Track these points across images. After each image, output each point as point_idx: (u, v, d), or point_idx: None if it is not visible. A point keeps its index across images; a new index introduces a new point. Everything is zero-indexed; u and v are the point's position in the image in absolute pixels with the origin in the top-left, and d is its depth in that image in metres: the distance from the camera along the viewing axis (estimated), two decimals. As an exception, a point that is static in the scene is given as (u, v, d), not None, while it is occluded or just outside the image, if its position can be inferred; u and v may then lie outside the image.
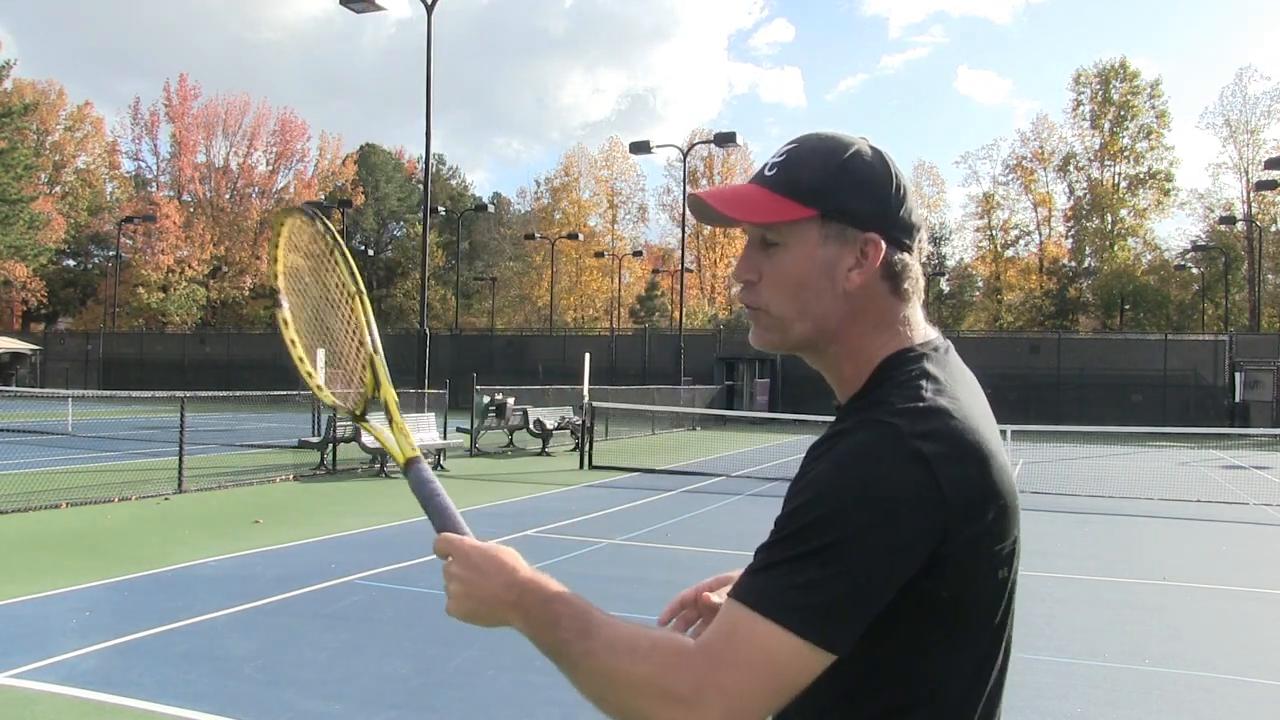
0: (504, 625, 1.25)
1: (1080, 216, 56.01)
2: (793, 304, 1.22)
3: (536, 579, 1.23)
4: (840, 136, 1.27)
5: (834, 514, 1.05)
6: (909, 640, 1.12)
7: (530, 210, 69.96)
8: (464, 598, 1.26)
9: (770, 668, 1.04)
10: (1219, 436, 26.78)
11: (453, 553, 1.29)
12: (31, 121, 51.59)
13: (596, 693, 1.13)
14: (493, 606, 1.24)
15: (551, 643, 1.17)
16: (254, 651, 5.98)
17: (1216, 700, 5.61)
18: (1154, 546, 10.91)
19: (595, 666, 1.12)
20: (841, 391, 1.26)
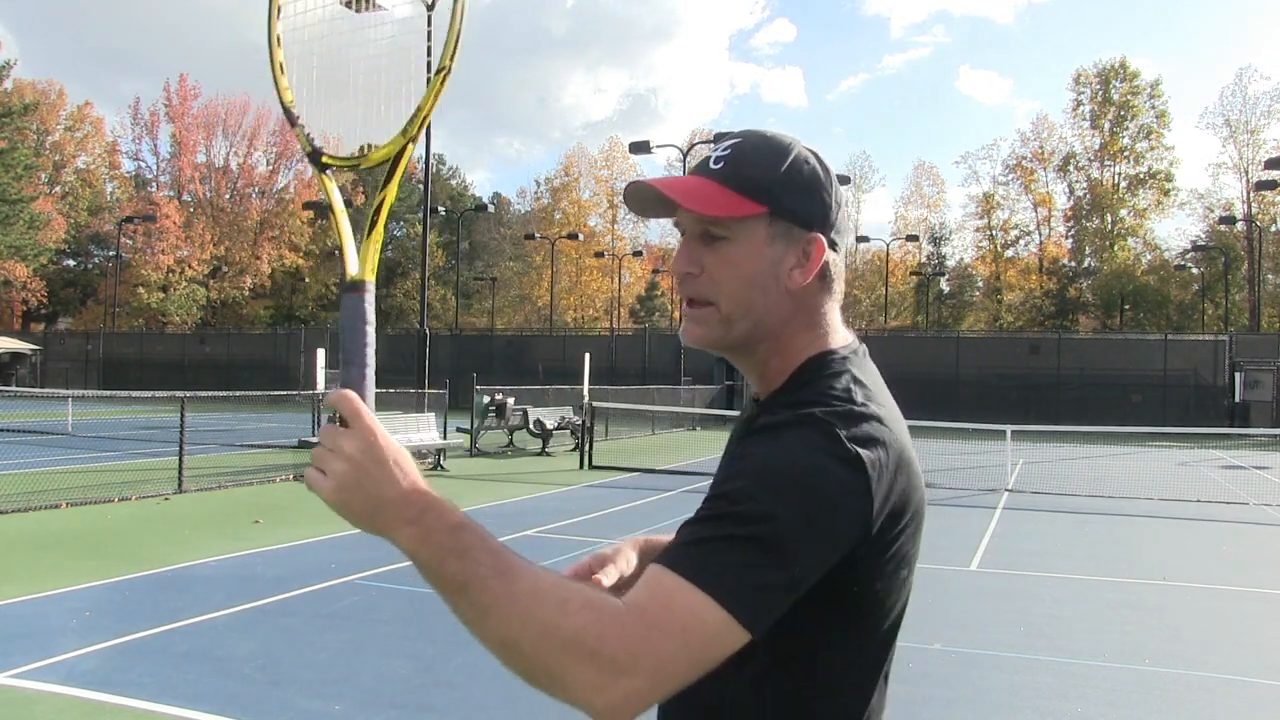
0: (382, 535, 1.06)
1: (1080, 216, 56.02)
2: (740, 300, 1.23)
3: (440, 499, 1.06)
4: (780, 137, 1.28)
5: (776, 502, 1.07)
6: (815, 631, 1.17)
7: (530, 210, 69.99)
8: (351, 487, 1.05)
9: (701, 640, 1.02)
10: (1219, 436, 26.78)
11: (355, 424, 1.08)
12: (31, 121, 51.59)
13: (507, 639, 1.01)
14: (382, 511, 1.05)
15: (455, 574, 1.02)
16: (254, 651, 5.99)
17: (1216, 700, 5.61)
18: (1154, 546, 10.91)
19: (514, 612, 1.00)
20: (761, 387, 1.30)
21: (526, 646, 1.00)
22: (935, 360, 36.76)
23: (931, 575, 8.92)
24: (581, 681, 0.99)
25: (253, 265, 58.48)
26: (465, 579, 1.02)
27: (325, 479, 1.06)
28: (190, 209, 57.98)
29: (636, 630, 1.01)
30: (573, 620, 0.99)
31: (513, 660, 1.02)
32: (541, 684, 1.01)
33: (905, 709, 5.31)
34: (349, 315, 1.16)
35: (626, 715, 1.00)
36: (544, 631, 0.99)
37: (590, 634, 0.99)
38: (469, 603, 1.02)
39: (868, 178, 64.42)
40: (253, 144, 60.20)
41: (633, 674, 0.99)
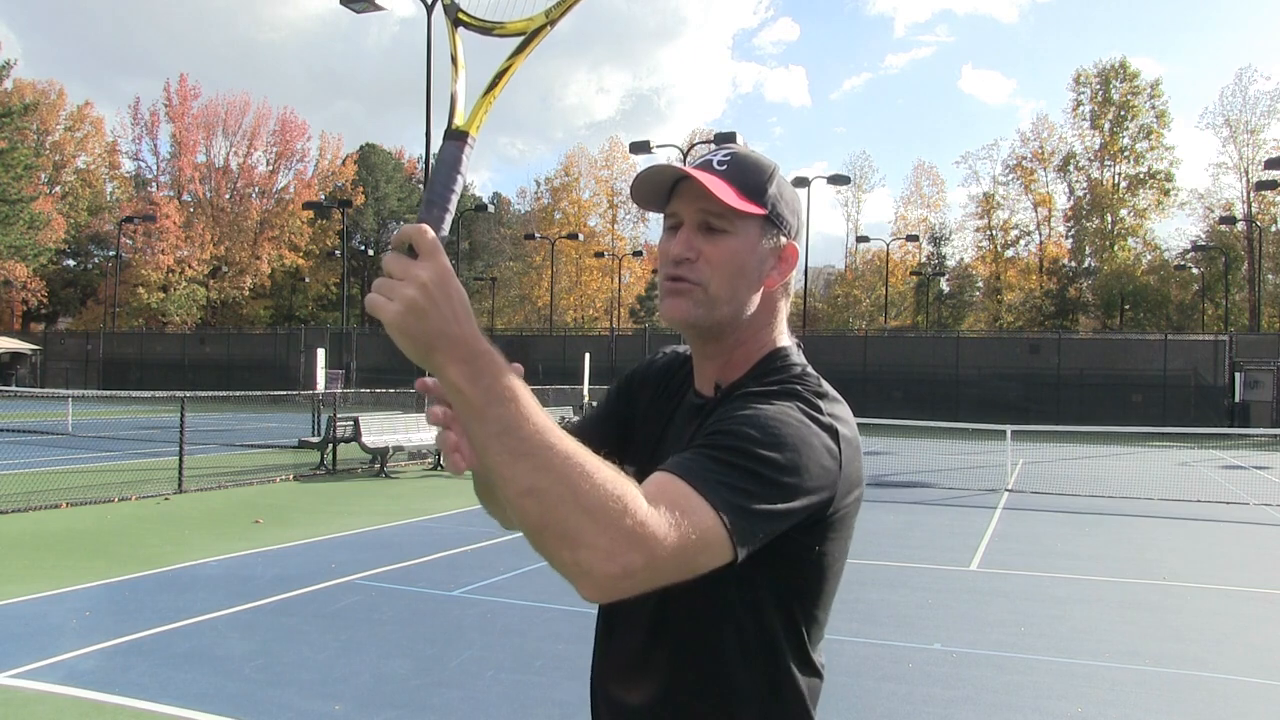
0: (433, 368, 1.05)
1: (1080, 216, 55.99)
2: (728, 286, 1.37)
3: (496, 351, 1.08)
4: (764, 156, 1.45)
5: (773, 447, 1.21)
6: (789, 585, 1.34)
7: (530, 210, 69.95)
8: (418, 314, 1.02)
9: (699, 547, 1.10)
10: (1219, 436, 26.78)
11: (432, 259, 1.04)
12: (31, 121, 51.56)
13: (536, 487, 1.01)
14: (440, 345, 1.03)
15: (498, 416, 1.02)
16: (254, 651, 5.99)
17: (1216, 700, 5.61)
18: (1154, 546, 10.91)
19: (549, 462, 1.01)
20: (722, 375, 1.43)
21: (551, 499, 1.01)
22: (935, 360, 36.75)
23: (931, 575, 8.92)
24: (594, 544, 1.01)
25: (253, 265, 58.45)
26: (508, 422, 1.02)
27: (391, 303, 1.03)
28: (190, 209, 57.95)
29: (655, 515, 1.06)
30: (602, 487, 1.03)
31: (531, 510, 1.02)
32: (549, 541, 1.03)
33: (905, 709, 5.31)
34: (445, 160, 1.15)
35: (612, 591, 1.04)
36: (573, 489, 1.01)
37: (615, 504, 1.03)
38: (505, 446, 1.02)
39: (868, 178, 64.39)
40: (253, 144, 60.17)
41: (639, 552, 1.03)
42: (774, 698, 1.36)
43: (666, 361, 1.63)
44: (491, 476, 1.04)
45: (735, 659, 1.35)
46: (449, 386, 1.04)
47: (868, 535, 10.04)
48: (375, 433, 16.15)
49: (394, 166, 69.64)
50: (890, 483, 15.94)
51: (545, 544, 1.03)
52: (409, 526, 10.98)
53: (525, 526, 1.04)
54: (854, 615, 7.10)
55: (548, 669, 5.71)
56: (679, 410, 1.50)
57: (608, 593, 1.05)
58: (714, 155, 1.41)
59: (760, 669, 1.35)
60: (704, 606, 1.34)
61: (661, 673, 1.39)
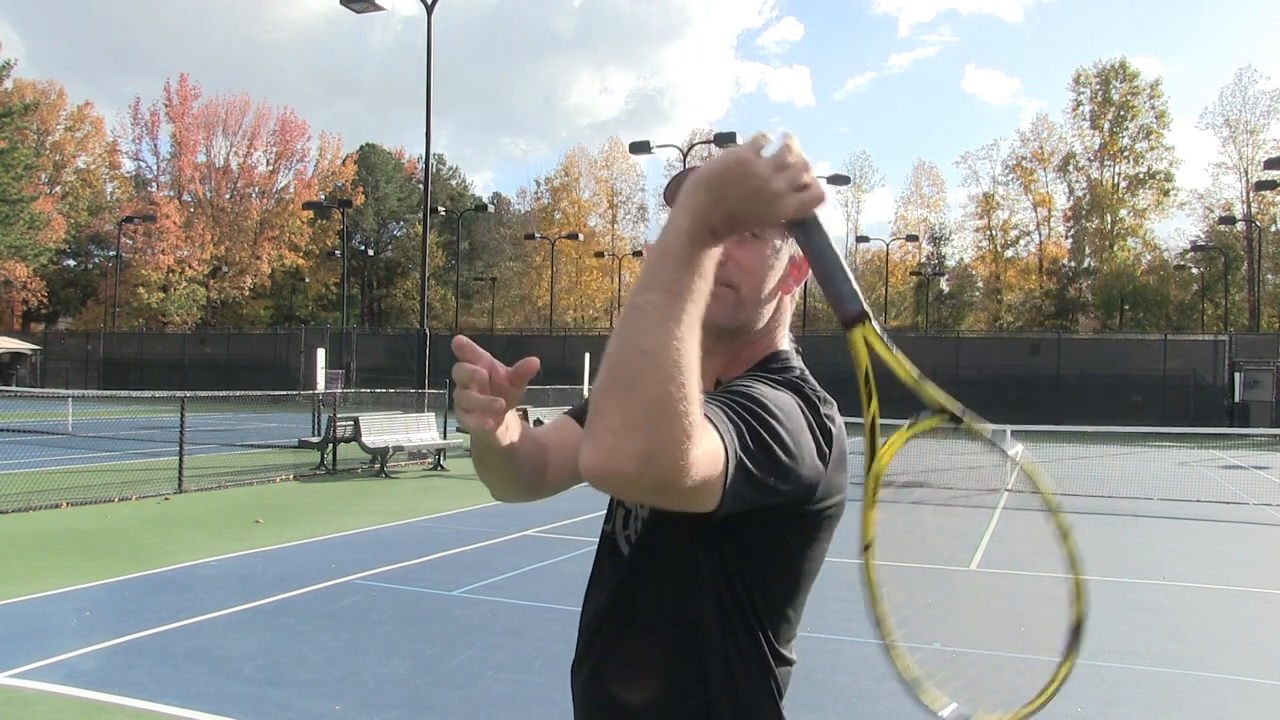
0: (708, 212, 1.07)
1: (1080, 216, 56.00)
2: (756, 290, 1.43)
3: None
4: None
5: (787, 430, 1.26)
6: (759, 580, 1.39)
7: (530, 210, 69.94)
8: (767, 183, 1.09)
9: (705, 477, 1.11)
10: (1219, 436, 26.77)
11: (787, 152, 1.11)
12: (31, 121, 51.56)
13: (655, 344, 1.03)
14: (741, 211, 1.08)
15: (684, 284, 1.06)
16: (254, 651, 5.99)
17: (1216, 700, 5.61)
18: (1154, 546, 10.91)
19: (680, 348, 1.03)
20: (725, 372, 1.46)
21: (660, 364, 1.02)
22: (935, 360, 36.72)
23: (931, 575, 8.92)
24: (671, 423, 1.02)
25: (253, 265, 58.46)
26: (690, 289, 1.05)
27: (772, 166, 1.09)
28: (190, 209, 57.95)
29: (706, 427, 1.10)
30: (698, 400, 1.05)
31: (633, 364, 1.02)
32: (636, 403, 1.02)
33: (905, 709, 5.31)
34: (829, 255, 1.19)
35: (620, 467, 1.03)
36: (682, 379, 1.02)
37: (697, 413, 1.05)
38: (668, 300, 1.04)
39: (868, 177, 64.44)
40: (253, 144, 60.18)
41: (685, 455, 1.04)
42: (749, 684, 1.41)
43: None
44: (628, 313, 1.05)
45: (710, 647, 1.39)
46: (683, 221, 1.06)
47: (868, 535, 10.03)
48: (375, 433, 16.15)
49: (394, 166, 69.62)
50: (890, 483, 15.88)
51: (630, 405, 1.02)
52: (409, 526, 10.98)
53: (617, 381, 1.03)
54: (854, 615, 7.09)
55: (548, 669, 5.71)
56: None
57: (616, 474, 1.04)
58: None
59: (734, 659, 1.39)
60: (678, 597, 1.39)
61: (636, 661, 1.42)
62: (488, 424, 1.31)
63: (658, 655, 1.41)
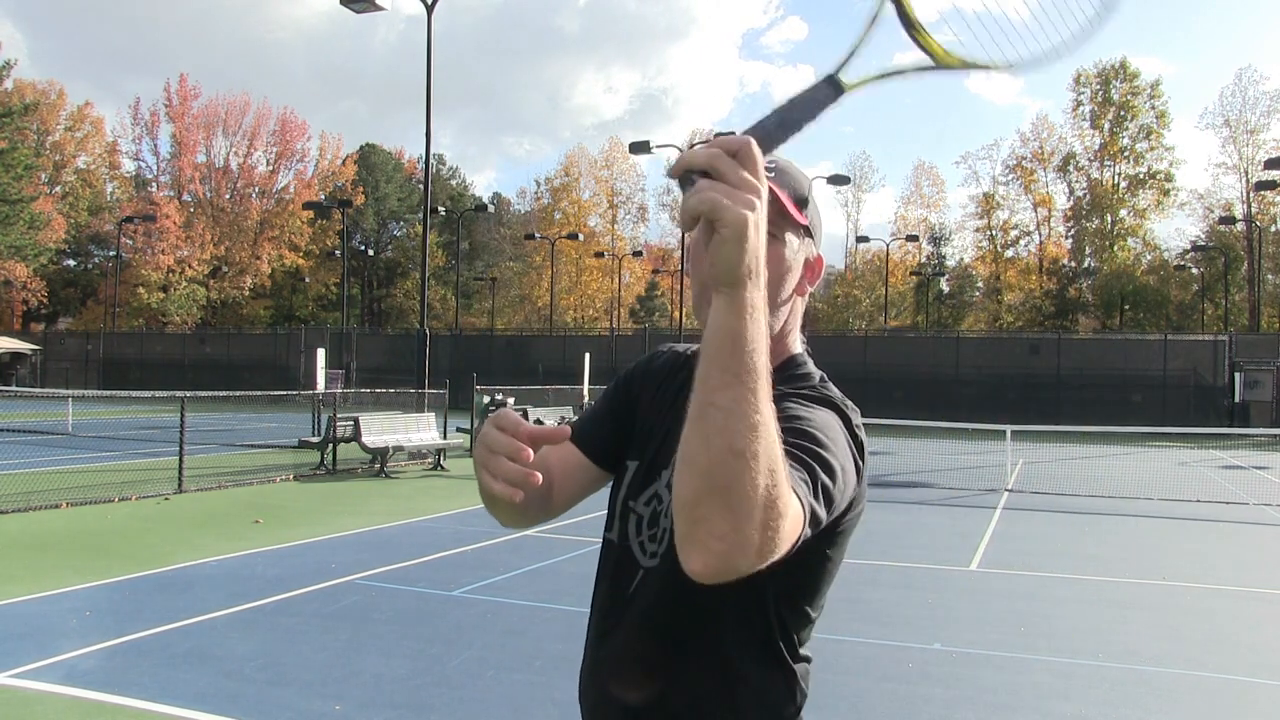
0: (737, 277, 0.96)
1: (1080, 216, 55.99)
2: (775, 295, 1.39)
3: None
4: (798, 166, 1.48)
5: (837, 462, 1.26)
6: (791, 586, 1.38)
7: (530, 210, 69.95)
8: (755, 229, 0.95)
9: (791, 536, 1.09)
10: (1219, 436, 26.77)
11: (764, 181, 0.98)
12: (32, 121, 51.56)
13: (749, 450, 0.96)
14: (757, 257, 0.97)
15: (751, 363, 0.97)
16: (254, 651, 5.99)
17: (1216, 700, 5.61)
18: (1154, 546, 10.91)
19: (769, 437, 0.97)
20: None
21: (752, 467, 0.96)
22: (935, 360, 36.75)
23: (931, 575, 8.92)
24: (755, 526, 0.98)
25: (253, 265, 58.45)
26: (760, 377, 0.97)
27: (735, 206, 0.94)
28: (190, 209, 57.95)
29: (789, 523, 1.05)
30: (787, 484, 1.02)
31: (727, 467, 0.96)
32: (718, 504, 0.97)
33: (905, 709, 5.31)
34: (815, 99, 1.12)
35: (734, 571, 1.01)
36: (774, 471, 0.98)
37: (785, 502, 1.01)
38: (746, 395, 0.96)
39: (868, 178, 64.42)
40: (253, 144, 60.18)
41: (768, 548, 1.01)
42: (771, 684, 1.41)
43: (668, 359, 1.63)
44: (706, 415, 0.97)
45: (734, 653, 1.38)
46: (733, 309, 0.96)
47: (868, 535, 10.04)
48: (375, 433, 16.15)
49: (394, 166, 69.63)
50: (890, 483, 15.94)
51: (710, 506, 0.97)
52: (409, 526, 10.98)
53: (709, 476, 0.97)
54: (854, 615, 7.10)
55: (548, 669, 5.71)
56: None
57: (731, 572, 1.01)
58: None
59: (757, 661, 1.39)
60: (706, 605, 1.36)
61: (662, 669, 1.41)
62: (517, 496, 1.23)
63: (678, 660, 1.40)
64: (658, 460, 1.47)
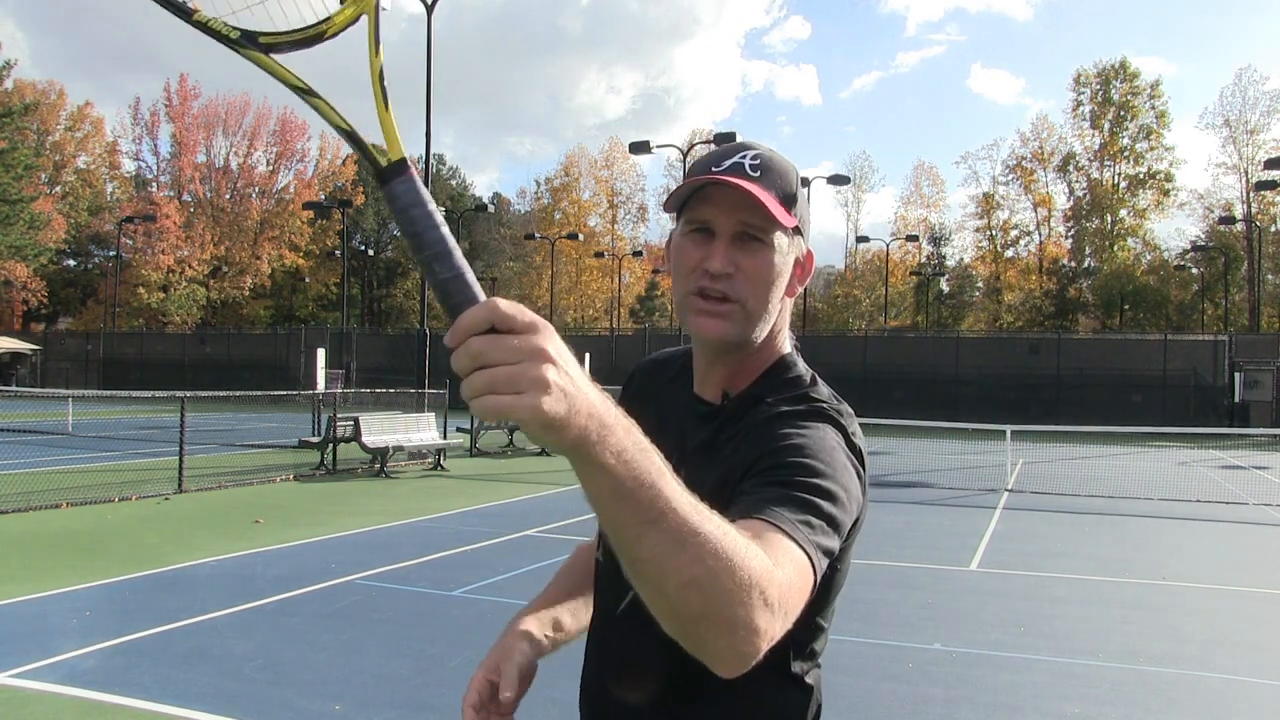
0: (580, 447, 0.87)
1: (1080, 216, 56.00)
2: (765, 302, 1.34)
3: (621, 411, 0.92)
4: (784, 156, 1.39)
5: (837, 487, 1.20)
6: (817, 599, 1.28)
7: (530, 210, 69.98)
8: (564, 394, 0.84)
9: (804, 598, 1.08)
10: (1219, 436, 26.78)
11: (541, 323, 0.85)
12: (32, 121, 51.56)
13: (698, 577, 0.91)
14: (590, 418, 0.86)
15: (653, 501, 0.89)
16: (254, 651, 5.99)
17: (1216, 700, 5.61)
18: (1154, 546, 10.91)
19: (710, 550, 0.91)
20: (731, 383, 1.40)
21: (713, 588, 0.92)
22: (935, 360, 36.75)
23: (931, 575, 8.92)
24: (754, 626, 0.95)
25: (253, 265, 58.45)
26: (664, 508, 0.90)
27: (525, 395, 0.82)
28: (190, 209, 57.96)
29: (789, 583, 1.02)
30: (754, 567, 0.95)
31: (692, 601, 0.92)
32: (706, 630, 0.94)
33: (905, 709, 5.31)
34: (408, 201, 0.91)
35: (751, 664, 0.99)
36: (734, 575, 0.93)
37: (765, 580, 0.96)
38: (663, 535, 0.90)
39: (868, 178, 64.41)
40: (253, 144, 60.19)
41: (784, 621, 1.00)
42: (788, 701, 1.38)
43: (642, 378, 1.60)
44: (639, 570, 0.92)
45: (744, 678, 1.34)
46: (600, 471, 0.87)
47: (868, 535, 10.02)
48: (375, 433, 16.15)
49: (394, 166, 69.52)
50: (890, 483, 15.94)
51: (700, 632, 0.95)
52: (409, 526, 10.98)
53: (681, 617, 0.94)
54: (854, 615, 7.09)
55: (547, 668, 5.68)
56: (678, 412, 1.46)
57: (759, 654, 0.99)
58: (743, 157, 1.33)
59: (773, 683, 1.35)
60: None
61: (672, 698, 1.37)
62: None
63: (688, 687, 1.36)
64: None
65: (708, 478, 1.27)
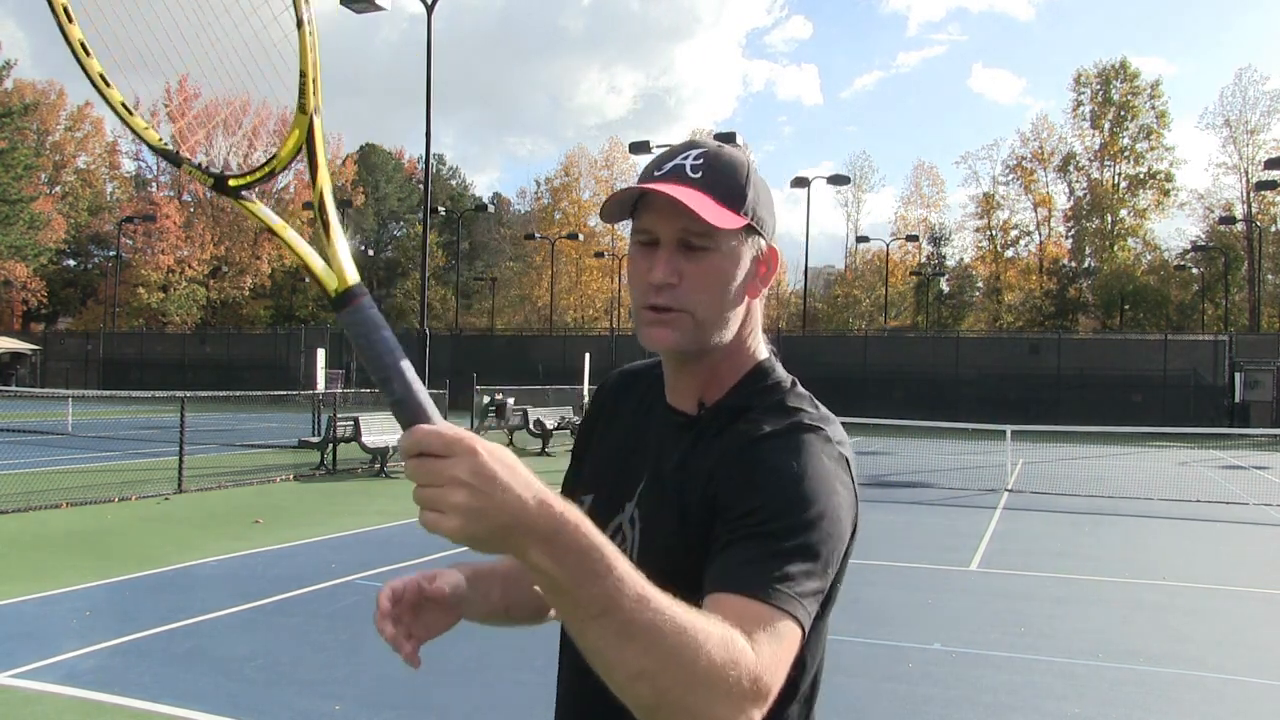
0: (514, 555, 0.92)
1: (1080, 216, 55.99)
2: (717, 308, 1.27)
3: (572, 514, 0.93)
4: (734, 149, 1.32)
5: (821, 522, 1.15)
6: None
7: (530, 210, 69.99)
8: (479, 514, 0.90)
9: (789, 660, 1.08)
10: (1219, 436, 26.77)
11: (458, 448, 0.90)
12: (32, 121, 51.57)
13: (646, 669, 0.93)
14: (519, 532, 0.90)
15: (594, 598, 0.92)
16: (254, 651, 5.99)
17: (1216, 700, 5.61)
18: (1154, 546, 10.91)
19: (656, 642, 0.92)
20: (706, 392, 1.33)
21: (665, 680, 0.93)
22: (935, 360, 36.75)
23: (931, 575, 8.92)
24: (716, 714, 0.95)
25: (253, 265, 58.47)
26: (605, 604, 0.92)
27: (446, 516, 0.91)
28: (190, 209, 57.97)
29: (761, 663, 1.00)
30: (711, 654, 0.95)
31: (644, 693, 0.95)
32: (665, 717, 0.96)
33: (905, 709, 5.31)
34: (359, 330, 0.97)
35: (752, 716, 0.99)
36: (688, 665, 0.93)
37: (731, 668, 0.96)
38: (605, 629, 0.93)
39: (868, 178, 64.40)
40: (253, 144, 60.14)
41: (756, 703, 0.99)
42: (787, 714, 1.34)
43: (613, 387, 1.53)
44: (588, 657, 0.96)
45: None
46: (534, 571, 0.92)
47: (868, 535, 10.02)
48: (375, 433, 16.15)
49: (394, 166, 69.67)
50: (890, 483, 15.94)
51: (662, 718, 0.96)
52: (409, 526, 10.97)
53: (636, 707, 0.96)
54: (854, 615, 7.09)
55: (548, 669, 5.68)
56: (652, 425, 1.39)
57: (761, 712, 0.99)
58: (685, 159, 1.28)
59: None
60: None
61: None
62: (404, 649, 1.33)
63: None
64: (617, 492, 1.37)
65: (688, 499, 1.25)
